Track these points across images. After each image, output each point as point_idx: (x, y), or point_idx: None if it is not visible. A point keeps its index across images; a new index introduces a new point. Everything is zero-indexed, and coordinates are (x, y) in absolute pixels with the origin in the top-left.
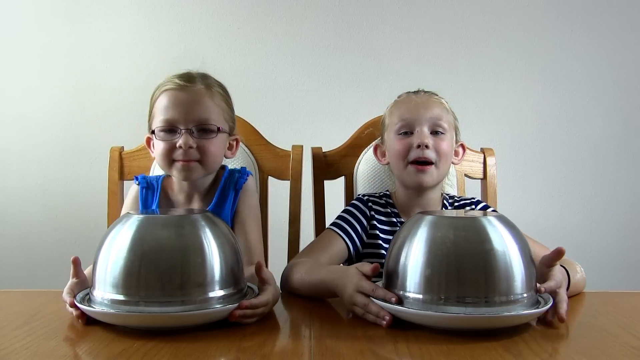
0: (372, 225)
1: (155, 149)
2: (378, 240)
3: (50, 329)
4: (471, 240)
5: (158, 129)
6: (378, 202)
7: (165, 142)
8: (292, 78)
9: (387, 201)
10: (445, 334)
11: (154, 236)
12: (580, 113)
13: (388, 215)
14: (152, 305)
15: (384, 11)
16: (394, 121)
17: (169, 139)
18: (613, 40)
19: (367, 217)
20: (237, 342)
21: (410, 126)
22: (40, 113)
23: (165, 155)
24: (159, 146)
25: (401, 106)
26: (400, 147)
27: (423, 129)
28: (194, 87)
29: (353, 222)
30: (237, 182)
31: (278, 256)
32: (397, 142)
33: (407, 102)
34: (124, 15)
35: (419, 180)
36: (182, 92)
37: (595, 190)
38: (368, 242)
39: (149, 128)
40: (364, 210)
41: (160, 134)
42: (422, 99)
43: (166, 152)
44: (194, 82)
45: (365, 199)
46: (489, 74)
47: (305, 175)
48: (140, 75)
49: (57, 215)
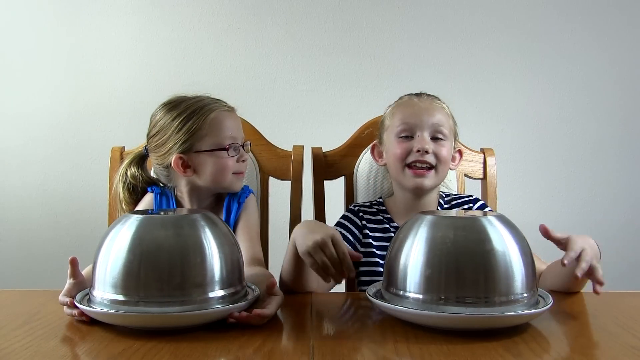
0: (365, 235)
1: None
2: (372, 249)
3: (50, 329)
4: (471, 240)
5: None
6: (368, 211)
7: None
8: (292, 78)
9: (378, 209)
10: (445, 334)
11: (153, 236)
12: (580, 113)
13: (380, 222)
14: (152, 305)
15: (384, 11)
16: (395, 124)
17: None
18: (613, 40)
19: (359, 227)
20: (237, 342)
21: (411, 130)
22: (41, 113)
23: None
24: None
25: (403, 109)
26: (400, 151)
27: (424, 135)
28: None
29: (346, 233)
30: (240, 196)
31: (278, 256)
32: (397, 145)
33: (409, 105)
34: (124, 15)
35: (418, 183)
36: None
37: (595, 191)
38: (362, 251)
39: (194, 147)
40: (355, 220)
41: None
42: (424, 104)
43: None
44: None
45: (356, 209)
46: (489, 74)
47: (305, 175)
48: (141, 75)
49: (57, 215)
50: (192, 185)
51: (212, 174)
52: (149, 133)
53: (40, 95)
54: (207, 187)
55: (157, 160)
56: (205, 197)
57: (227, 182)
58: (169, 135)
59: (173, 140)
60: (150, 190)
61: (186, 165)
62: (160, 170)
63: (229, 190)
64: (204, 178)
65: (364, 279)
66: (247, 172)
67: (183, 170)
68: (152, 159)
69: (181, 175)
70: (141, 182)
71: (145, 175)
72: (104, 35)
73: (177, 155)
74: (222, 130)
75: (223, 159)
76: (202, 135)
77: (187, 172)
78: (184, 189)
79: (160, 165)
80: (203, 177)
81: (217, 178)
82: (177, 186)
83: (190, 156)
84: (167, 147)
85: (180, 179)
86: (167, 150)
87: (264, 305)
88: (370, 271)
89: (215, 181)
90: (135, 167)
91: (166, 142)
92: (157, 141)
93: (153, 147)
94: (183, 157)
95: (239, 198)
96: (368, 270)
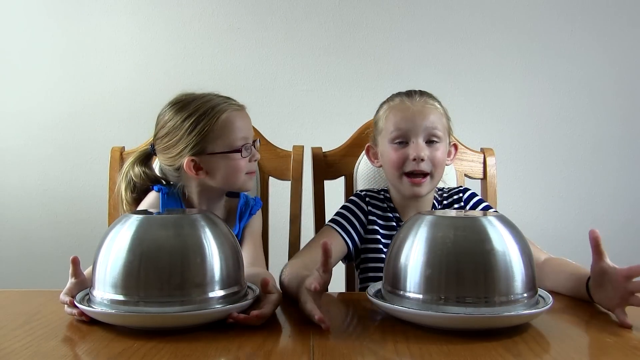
0: (371, 221)
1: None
2: (377, 235)
3: (50, 329)
4: (471, 240)
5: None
6: (376, 197)
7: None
8: (292, 78)
9: (385, 196)
10: (445, 334)
11: (153, 236)
12: (580, 113)
13: (385, 210)
14: (152, 305)
15: (384, 11)
16: (389, 129)
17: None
18: (613, 39)
19: (364, 213)
20: (237, 342)
21: (405, 136)
22: (41, 112)
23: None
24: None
25: (397, 113)
26: (395, 158)
27: (419, 141)
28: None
29: (351, 218)
30: (252, 207)
31: (278, 256)
32: (392, 152)
33: (402, 109)
34: (124, 15)
35: (415, 192)
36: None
37: (595, 191)
38: (367, 238)
39: (216, 148)
40: (362, 205)
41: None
42: (417, 107)
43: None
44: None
45: (363, 194)
46: (489, 74)
47: (305, 175)
48: (141, 75)
49: (57, 215)
50: (204, 186)
51: (225, 175)
52: (156, 134)
53: (40, 95)
54: (219, 187)
55: (168, 162)
56: (216, 197)
57: (240, 183)
58: (180, 137)
59: (184, 143)
60: (157, 189)
61: (198, 168)
62: (170, 171)
63: (241, 190)
64: (217, 179)
65: (369, 265)
66: None
67: (195, 173)
68: (161, 160)
69: (193, 177)
70: (145, 181)
71: (151, 173)
72: (104, 35)
73: (189, 158)
74: (234, 131)
75: (236, 160)
76: (214, 138)
77: (200, 174)
78: (194, 190)
79: (171, 166)
80: (216, 179)
81: (230, 179)
82: (188, 186)
83: (202, 158)
84: (178, 149)
85: (191, 179)
86: (178, 152)
87: (261, 305)
88: (375, 258)
89: (228, 182)
90: (140, 166)
91: (177, 144)
92: (166, 143)
93: (162, 148)
94: (195, 159)
95: (251, 209)
96: (373, 257)
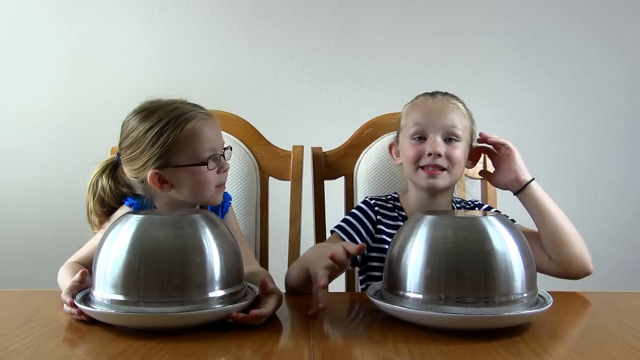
0: (379, 230)
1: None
2: (384, 245)
3: (50, 329)
4: (471, 240)
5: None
6: (385, 205)
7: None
8: (292, 78)
9: (394, 204)
10: (445, 334)
11: (153, 236)
12: (581, 112)
13: (395, 219)
14: (152, 305)
15: (384, 11)
16: (409, 125)
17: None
18: (614, 38)
19: (372, 222)
20: (237, 342)
21: (423, 132)
22: (41, 113)
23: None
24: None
25: (417, 110)
26: (412, 153)
27: (436, 137)
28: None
29: (358, 226)
30: (222, 206)
31: (278, 257)
32: (410, 147)
33: (422, 106)
34: (124, 15)
35: (431, 183)
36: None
37: (596, 191)
38: (374, 246)
39: (180, 161)
40: (370, 214)
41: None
42: (438, 104)
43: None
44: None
45: (372, 202)
46: (489, 74)
47: (305, 175)
48: (141, 76)
49: (58, 215)
50: (171, 199)
51: (192, 189)
52: (121, 143)
53: (40, 95)
54: (187, 201)
55: (133, 174)
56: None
57: (208, 197)
58: (143, 149)
59: (147, 155)
60: (129, 204)
61: (163, 181)
62: (136, 183)
63: (209, 204)
64: (184, 193)
65: (375, 274)
66: (247, 173)
67: (160, 186)
68: (127, 171)
69: (159, 190)
70: (113, 194)
71: (116, 189)
72: (104, 35)
73: (152, 171)
74: (200, 142)
75: (203, 173)
76: (179, 149)
77: (165, 187)
78: (163, 203)
79: (137, 179)
80: (182, 193)
81: (197, 193)
82: (156, 200)
83: (167, 171)
84: (141, 161)
85: (157, 193)
86: (141, 164)
87: (261, 305)
88: (381, 267)
89: (195, 196)
90: (107, 178)
91: (140, 157)
92: (130, 154)
93: (126, 159)
94: (160, 172)
95: (222, 208)
96: (379, 266)
